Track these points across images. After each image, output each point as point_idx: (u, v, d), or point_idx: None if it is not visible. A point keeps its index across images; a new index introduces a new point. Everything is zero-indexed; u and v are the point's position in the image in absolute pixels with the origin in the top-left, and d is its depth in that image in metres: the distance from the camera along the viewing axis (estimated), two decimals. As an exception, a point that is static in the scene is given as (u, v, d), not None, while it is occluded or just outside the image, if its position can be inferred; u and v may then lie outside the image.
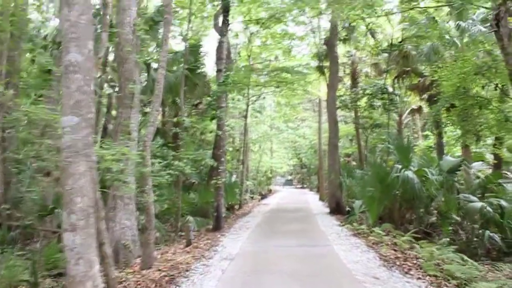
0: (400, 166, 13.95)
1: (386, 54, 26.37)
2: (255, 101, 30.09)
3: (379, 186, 14.05)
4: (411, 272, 8.39)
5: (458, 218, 13.09)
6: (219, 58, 15.86)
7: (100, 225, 5.95)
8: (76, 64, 4.77)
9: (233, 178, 25.81)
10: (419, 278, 7.98)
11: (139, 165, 9.07)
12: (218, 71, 15.82)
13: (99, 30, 13.44)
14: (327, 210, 21.94)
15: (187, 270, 8.88)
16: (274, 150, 49.92)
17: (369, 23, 25.91)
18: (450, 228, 13.37)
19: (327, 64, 26.43)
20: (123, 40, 10.31)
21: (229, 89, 16.75)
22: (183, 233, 13.97)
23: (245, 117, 27.19)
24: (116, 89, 15.55)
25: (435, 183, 13.27)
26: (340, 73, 27.06)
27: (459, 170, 14.76)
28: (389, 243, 11.33)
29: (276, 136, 43.60)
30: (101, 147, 6.91)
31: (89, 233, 4.61)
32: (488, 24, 18.02)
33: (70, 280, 4.65)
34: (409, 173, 13.20)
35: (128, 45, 10.22)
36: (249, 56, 27.36)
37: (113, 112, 18.72)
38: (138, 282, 8.11)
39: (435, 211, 14.97)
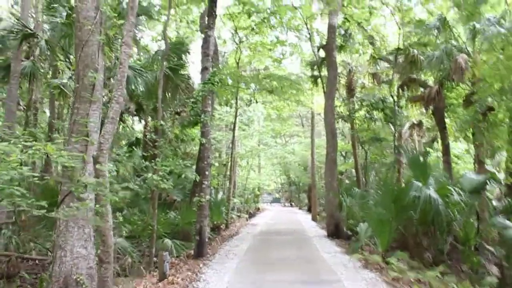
0: (419, 184, 11.78)
1: (385, 64, 24.67)
2: (245, 109, 27.88)
3: (392, 207, 11.86)
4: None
5: (491, 248, 10.95)
6: (205, 55, 13.62)
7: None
8: None
9: (220, 195, 23.51)
10: None
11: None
12: (204, 69, 13.57)
13: None
14: (324, 232, 19.71)
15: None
16: (262, 166, 47.79)
17: (365, 28, 24.20)
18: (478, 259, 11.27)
19: (322, 73, 24.64)
20: (82, 17, 8.06)
21: (216, 89, 14.51)
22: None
23: (233, 129, 24.99)
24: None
25: (462, 204, 11.12)
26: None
27: (484, 190, 12.68)
28: (412, 278, 9.13)
29: (264, 151, 41.46)
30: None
31: None
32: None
33: None
34: (432, 192, 11.05)
35: (88, 23, 7.98)
36: (237, 63, 25.27)
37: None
38: None
39: (450, 237, 12.88)
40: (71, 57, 15.78)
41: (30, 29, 13.27)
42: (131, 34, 6.96)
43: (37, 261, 11.26)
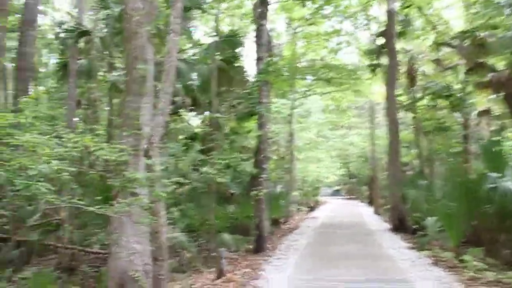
0: (494, 175, 10.81)
1: (449, 49, 23.31)
2: (302, 102, 27.18)
3: (464, 200, 10.97)
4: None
5: None
6: (259, 44, 13.28)
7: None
8: None
9: (278, 189, 23.13)
10: None
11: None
12: (258, 59, 13.23)
13: None
14: (387, 226, 18.89)
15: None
16: (321, 159, 46.95)
17: (426, 13, 22.91)
18: None
19: (380, 62, 23.65)
20: (130, 8, 7.84)
21: (272, 79, 14.09)
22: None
23: (290, 121, 24.56)
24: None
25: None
26: (395, 71, 24.07)
27: None
28: (491, 279, 8.30)
29: (323, 144, 40.64)
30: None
31: None
32: None
33: None
34: (510, 184, 10.10)
35: (136, 14, 7.75)
36: (292, 55, 24.75)
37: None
38: None
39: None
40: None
41: (85, 27, 13.37)
42: (178, 21, 6.65)
43: (99, 255, 11.35)
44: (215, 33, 16.70)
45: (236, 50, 15.60)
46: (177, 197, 11.44)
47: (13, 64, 17.97)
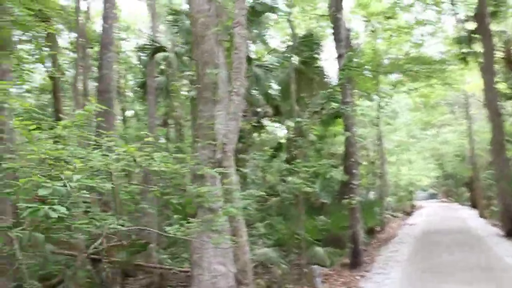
0: None
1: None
2: (388, 102, 25.61)
3: None
4: None
5: None
6: (337, 40, 12.37)
7: None
8: None
9: (371, 195, 21.75)
10: None
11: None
12: (339, 56, 12.30)
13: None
14: (497, 230, 16.86)
15: None
16: (413, 161, 44.53)
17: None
18: None
19: (472, 49, 21.60)
20: (195, 10, 7.32)
21: (355, 75, 13.05)
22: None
23: (378, 123, 23.15)
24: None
25: None
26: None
27: None
28: None
29: (414, 145, 38.32)
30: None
31: None
32: None
33: None
34: None
35: (202, 16, 7.20)
36: (374, 52, 23.38)
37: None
38: None
39: None
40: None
41: (159, 43, 13.21)
42: (243, 12, 5.97)
43: (189, 273, 11.03)
44: (291, 37, 16.03)
45: (314, 51, 14.80)
46: (264, 210, 10.76)
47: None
